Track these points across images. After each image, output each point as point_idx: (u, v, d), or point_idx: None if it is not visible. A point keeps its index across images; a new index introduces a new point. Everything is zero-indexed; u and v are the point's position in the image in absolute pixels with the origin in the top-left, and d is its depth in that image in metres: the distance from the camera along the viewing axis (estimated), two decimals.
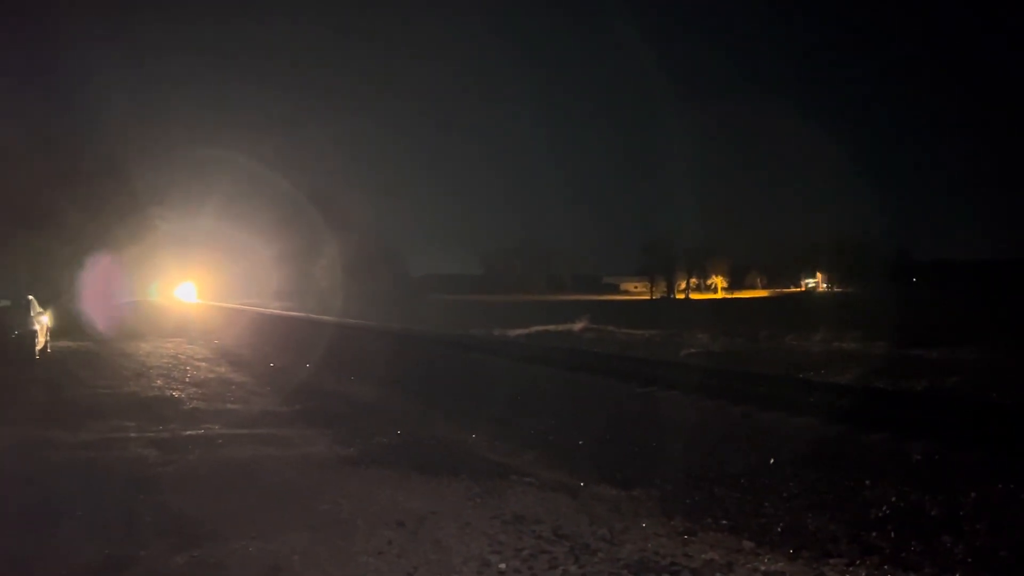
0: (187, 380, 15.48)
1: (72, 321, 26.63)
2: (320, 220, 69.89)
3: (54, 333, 21.69)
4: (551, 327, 32.91)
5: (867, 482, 7.50)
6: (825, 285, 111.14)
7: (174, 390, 13.93)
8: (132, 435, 9.69)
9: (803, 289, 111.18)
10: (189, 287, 76.18)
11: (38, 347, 18.67)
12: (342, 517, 6.27)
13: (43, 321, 19.89)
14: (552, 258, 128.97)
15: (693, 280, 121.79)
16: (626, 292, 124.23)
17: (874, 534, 6.34)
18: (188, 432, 9.99)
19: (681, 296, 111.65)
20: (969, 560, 5.74)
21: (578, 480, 8.26)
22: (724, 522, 6.88)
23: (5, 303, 19.16)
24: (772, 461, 8.46)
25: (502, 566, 5.17)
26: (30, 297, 19.53)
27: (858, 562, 5.79)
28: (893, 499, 6.98)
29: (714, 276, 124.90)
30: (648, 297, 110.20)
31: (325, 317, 44.85)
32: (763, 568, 5.45)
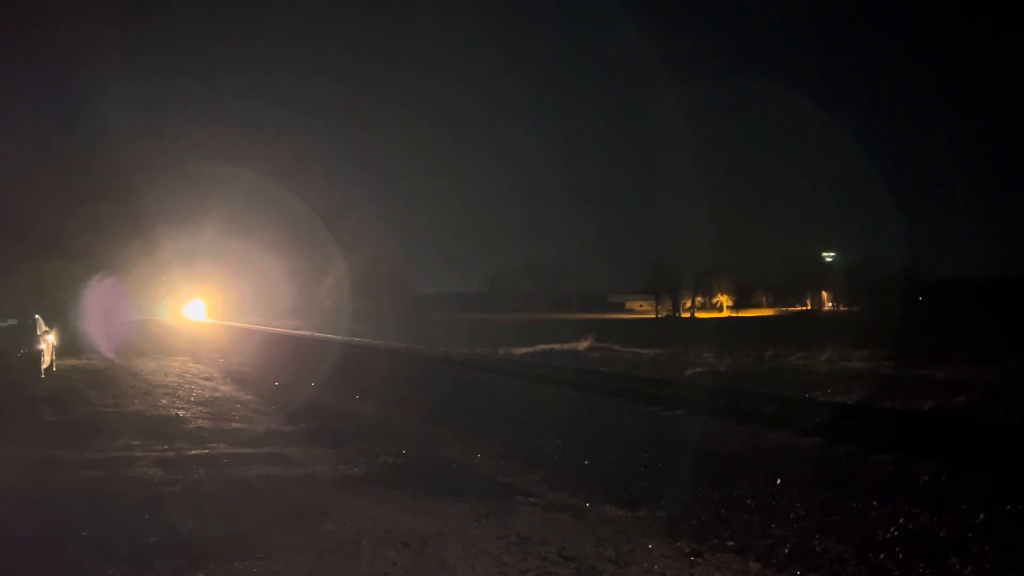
0: (192, 399, 15.49)
1: (77, 340, 26.71)
2: (327, 238, 70.15)
3: (60, 352, 21.75)
4: (556, 346, 32.85)
5: (875, 503, 7.46)
6: (830, 303, 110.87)
7: (179, 409, 13.94)
8: (137, 454, 9.69)
9: (808, 307, 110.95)
10: (198, 305, 76.28)
11: (44, 366, 18.71)
12: (347, 537, 6.25)
13: (49, 340, 19.95)
14: (558, 277, 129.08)
15: (699, 299, 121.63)
16: (631, 311, 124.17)
17: (882, 556, 6.29)
18: (193, 451, 9.99)
19: (687, 315, 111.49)
20: None
21: (584, 501, 8.22)
22: (731, 543, 6.83)
23: (11, 322, 19.23)
24: (779, 482, 8.41)
25: None
26: (36, 316, 19.60)
27: None
28: (901, 520, 6.93)
29: (719, 295, 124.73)
30: (654, 315, 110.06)
31: (330, 336, 44.87)
32: None
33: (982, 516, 6.80)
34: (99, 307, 31.25)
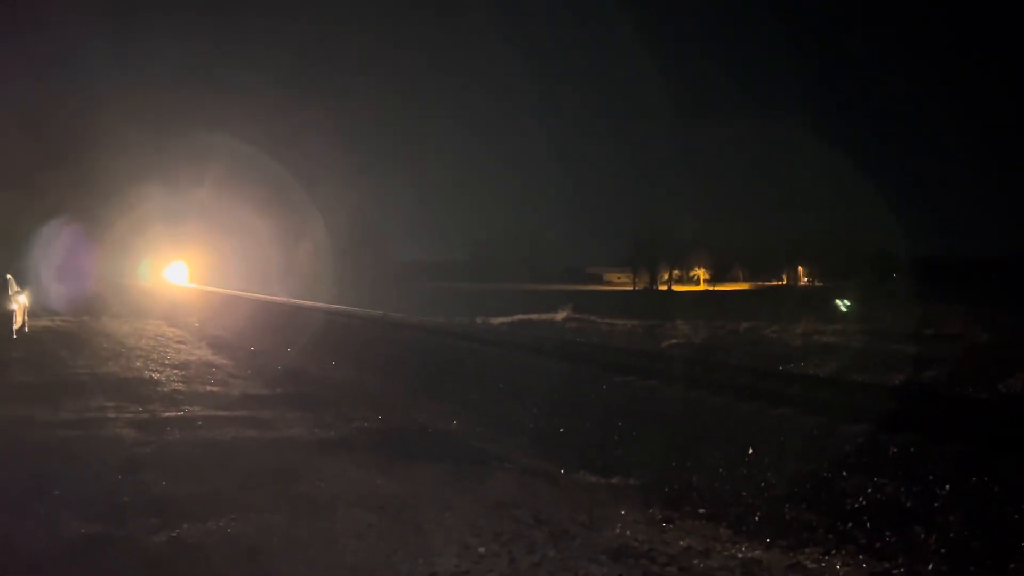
0: (167, 362, 15.39)
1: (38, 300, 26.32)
2: (307, 205, 69.61)
3: (31, 313, 21.49)
4: (534, 316, 32.90)
5: (844, 473, 7.58)
6: (806, 279, 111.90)
7: (154, 372, 13.85)
8: (111, 415, 9.62)
9: (784, 283, 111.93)
10: (180, 269, 74.91)
11: (16, 327, 18.49)
12: (322, 500, 6.27)
13: (21, 300, 19.70)
14: (537, 247, 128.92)
15: (676, 272, 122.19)
16: (609, 283, 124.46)
17: (850, 524, 6.42)
18: (167, 413, 9.94)
19: (664, 287, 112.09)
20: (942, 551, 5.83)
21: (558, 467, 8.29)
22: (702, 510, 6.94)
23: None
24: (751, 451, 8.52)
25: (482, 550, 5.20)
26: (8, 276, 19.32)
27: (834, 551, 5.86)
28: (869, 490, 7.06)
29: (697, 268, 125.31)
30: (631, 288, 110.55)
31: (308, 302, 44.65)
32: (740, 556, 5.51)
33: (948, 487, 6.93)
34: (59, 260, 30.50)
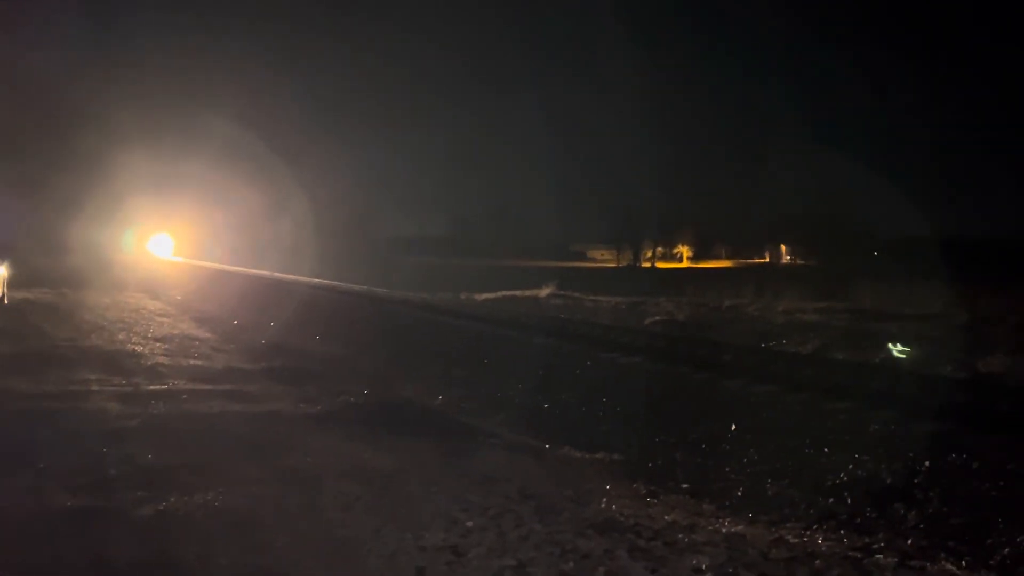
0: (150, 335, 15.30)
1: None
2: (291, 180, 69.07)
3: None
4: (518, 292, 32.88)
5: (826, 450, 7.68)
6: (789, 257, 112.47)
7: (137, 344, 13.77)
8: (95, 388, 9.58)
9: (767, 260, 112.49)
10: (164, 241, 73.83)
11: None
12: (309, 473, 6.28)
13: (1, 273, 19.54)
14: (521, 224, 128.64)
15: (659, 249, 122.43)
16: (593, 260, 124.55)
17: (831, 500, 6.51)
18: (152, 386, 9.90)
19: (647, 265, 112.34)
20: (921, 527, 5.93)
21: (544, 443, 8.35)
22: (686, 486, 7.02)
23: None
24: (734, 427, 8.61)
25: (469, 524, 5.23)
26: None
27: (815, 527, 5.95)
28: (851, 467, 7.15)
29: (680, 246, 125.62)
30: (614, 265, 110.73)
31: (291, 276, 44.44)
32: (724, 530, 5.58)
33: (927, 464, 7.04)
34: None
